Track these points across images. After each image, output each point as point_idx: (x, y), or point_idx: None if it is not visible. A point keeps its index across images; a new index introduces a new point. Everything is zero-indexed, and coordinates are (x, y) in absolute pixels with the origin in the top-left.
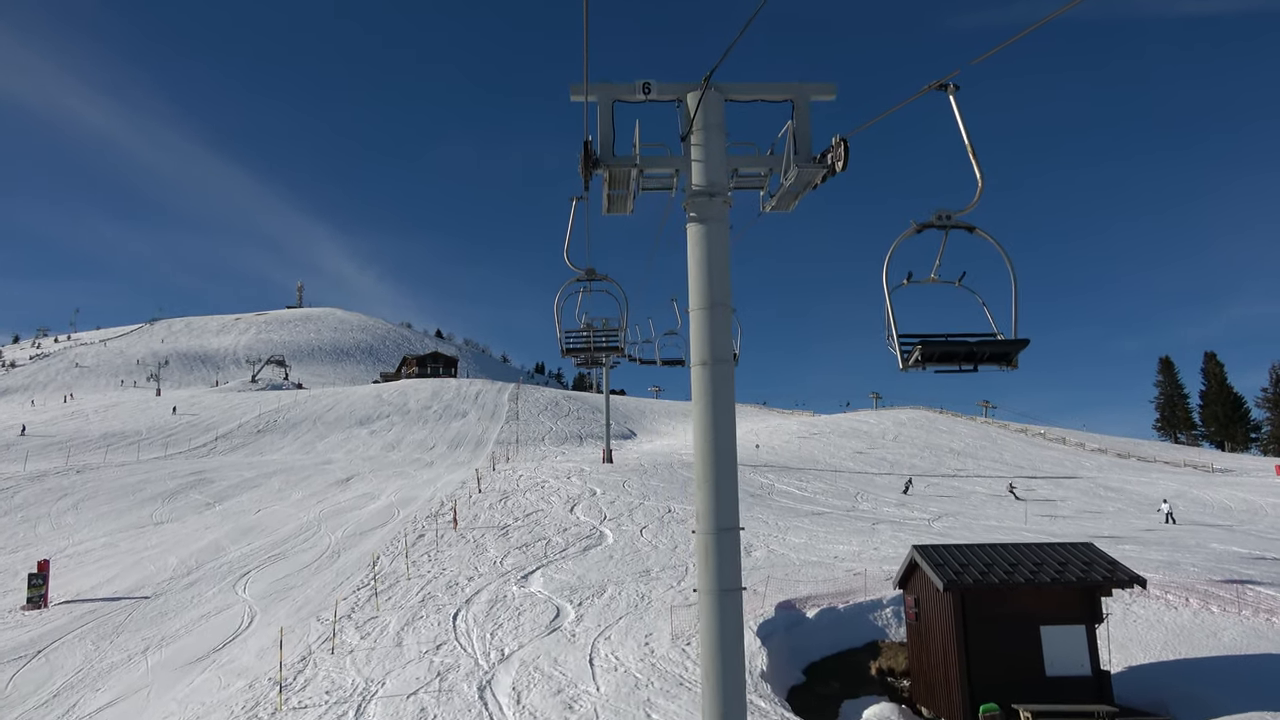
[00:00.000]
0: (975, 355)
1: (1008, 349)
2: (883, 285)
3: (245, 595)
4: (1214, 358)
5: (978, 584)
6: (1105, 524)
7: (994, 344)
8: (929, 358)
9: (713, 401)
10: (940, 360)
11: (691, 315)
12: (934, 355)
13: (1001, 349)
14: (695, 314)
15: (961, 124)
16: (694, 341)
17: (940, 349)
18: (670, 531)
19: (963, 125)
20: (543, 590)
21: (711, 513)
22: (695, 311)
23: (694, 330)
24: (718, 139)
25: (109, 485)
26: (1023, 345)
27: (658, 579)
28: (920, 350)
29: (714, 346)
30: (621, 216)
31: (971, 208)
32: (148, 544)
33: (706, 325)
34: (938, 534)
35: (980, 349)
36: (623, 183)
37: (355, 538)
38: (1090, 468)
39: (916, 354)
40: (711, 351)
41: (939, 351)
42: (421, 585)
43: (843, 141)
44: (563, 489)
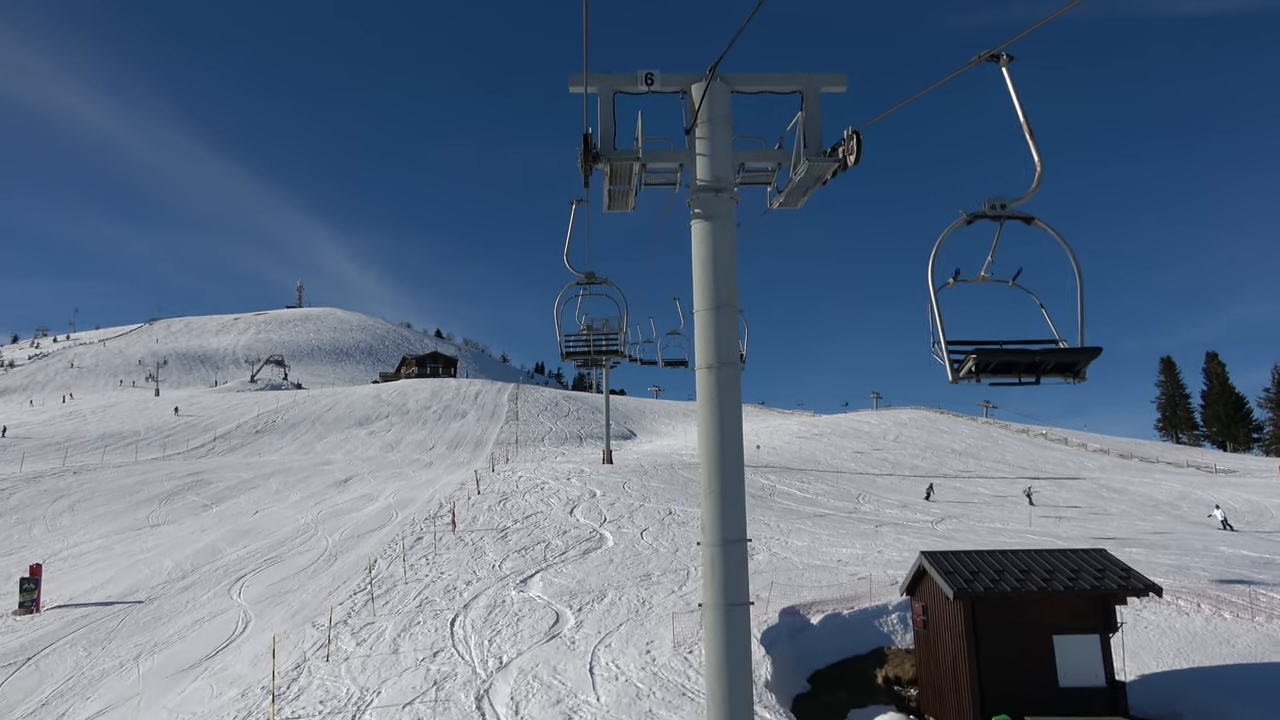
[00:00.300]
0: (1038, 366)
1: (1075, 359)
2: (928, 285)
3: (240, 600)
4: (1216, 358)
5: (989, 592)
6: (1110, 525)
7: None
8: (984, 368)
9: (719, 406)
10: (997, 371)
11: (696, 316)
12: (990, 365)
13: (1068, 359)
14: (700, 315)
15: (1016, 99)
16: (699, 344)
17: (997, 358)
18: (671, 534)
19: (1017, 101)
20: (542, 595)
21: (718, 523)
22: (700, 313)
23: (699, 332)
24: (723, 132)
25: (105, 486)
26: (1093, 354)
27: (658, 583)
28: (974, 360)
29: (720, 349)
30: (623, 214)
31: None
32: (143, 546)
33: (712, 327)
34: (942, 536)
35: (1044, 359)
36: (624, 178)
37: (353, 540)
38: (1093, 469)
39: (970, 364)
40: (717, 354)
41: (996, 361)
42: (419, 590)
43: (855, 134)
44: (562, 490)
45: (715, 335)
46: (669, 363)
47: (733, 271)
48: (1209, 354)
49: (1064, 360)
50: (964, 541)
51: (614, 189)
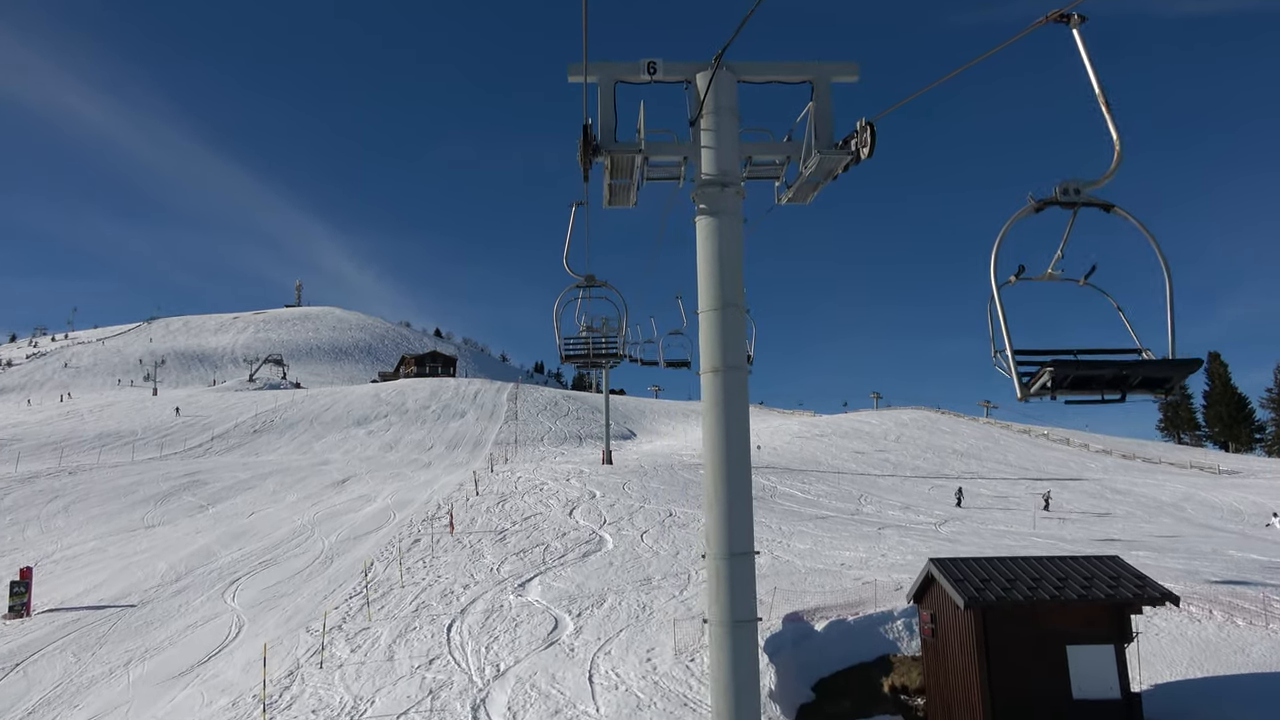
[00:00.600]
0: (1125, 381)
1: (1169, 373)
2: (990, 283)
3: (234, 604)
4: (1218, 358)
5: (1001, 601)
6: (1115, 528)
7: (1151, 365)
8: (1060, 383)
9: (724, 412)
10: (1075, 387)
11: (701, 317)
12: (1067, 380)
13: (1161, 373)
14: (705, 316)
15: (1090, 67)
16: (704, 346)
17: (1077, 372)
18: (671, 536)
19: (1092, 69)
20: (540, 600)
21: (724, 535)
22: (705, 313)
23: (704, 334)
24: (730, 123)
25: (101, 487)
26: (1192, 368)
27: (659, 587)
28: (1050, 373)
29: (726, 351)
30: (624, 211)
31: (1108, 178)
32: (137, 548)
33: (718, 328)
34: (945, 539)
35: (1132, 372)
36: (626, 171)
37: (349, 542)
38: (1095, 469)
39: (1045, 378)
40: (723, 357)
41: (1075, 375)
42: (415, 594)
43: (868, 126)
44: (562, 491)
45: (721, 337)
46: (671, 363)
47: (739, 270)
48: (1211, 354)
49: (1155, 375)
50: (969, 545)
51: (615, 183)
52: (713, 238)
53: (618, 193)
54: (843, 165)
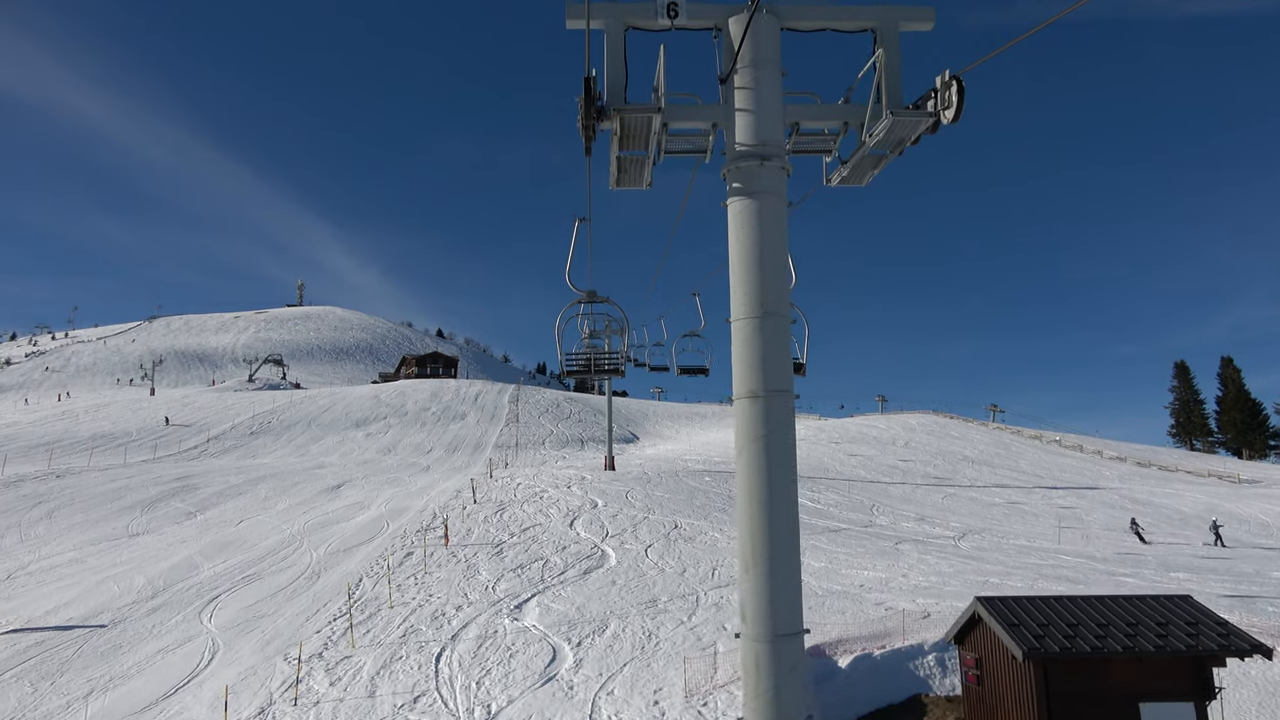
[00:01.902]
0: None
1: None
2: None
3: (210, 625)
4: (1231, 362)
5: (1065, 653)
6: (1141, 540)
7: None
8: None
9: (766, 449)
10: None
11: (734, 328)
12: None
13: None
14: (740, 326)
15: None
16: (738, 364)
17: None
18: (677, 551)
19: None
20: (538, 625)
21: (765, 611)
22: (740, 323)
23: (738, 349)
24: (772, 80)
25: (88, 492)
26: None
27: (665, 611)
28: None
29: (768, 372)
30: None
31: None
32: (117, 560)
33: (756, 342)
34: (967, 555)
35: None
36: (639, 138)
37: (338, 555)
38: (1111, 477)
39: None
40: (764, 378)
41: None
42: (404, 615)
43: (954, 81)
44: (562, 500)
45: (761, 353)
46: (685, 370)
47: (785, 266)
48: (1224, 359)
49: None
50: (992, 561)
51: (625, 156)
52: (749, 225)
53: (628, 169)
54: (920, 133)
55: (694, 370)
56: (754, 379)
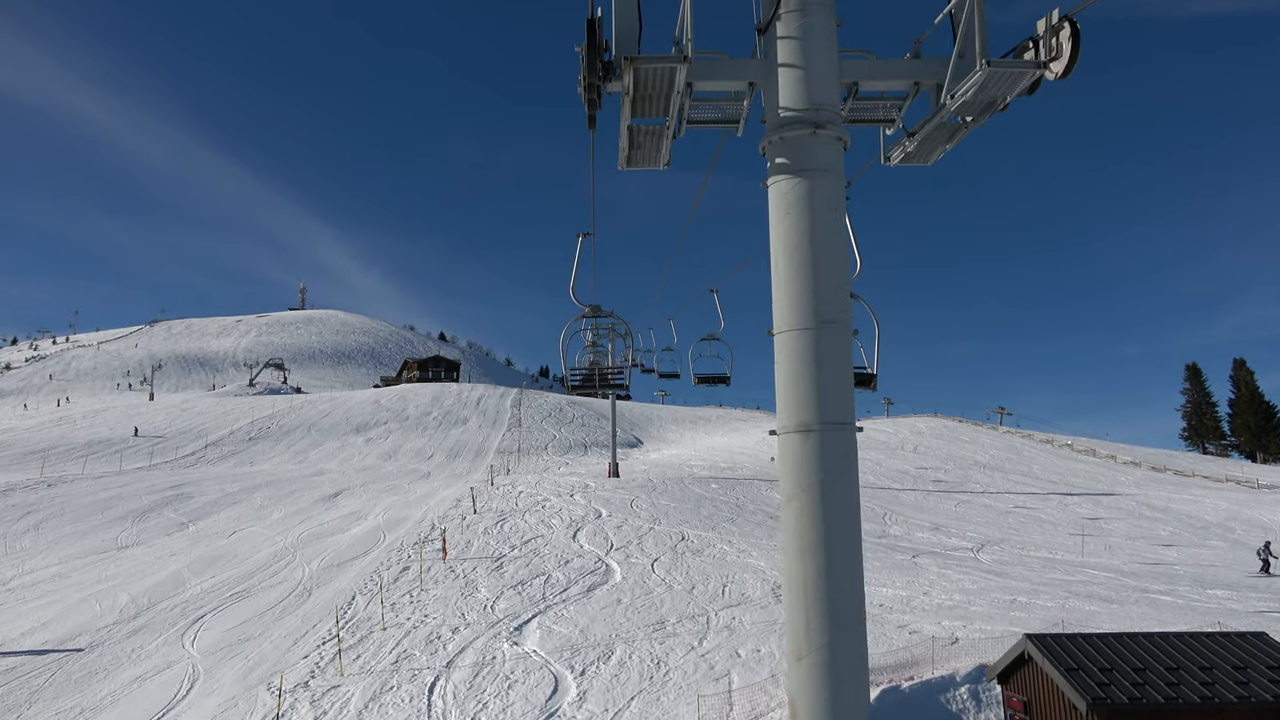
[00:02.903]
0: None
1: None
2: None
3: (192, 649)
4: (1244, 364)
5: (1136, 704)
6: (1169, 553)
7: None
8: None
9: (822, 499)
10: None
11: (780, 342)
12: None
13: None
14: (788, 339)
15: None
16: (783, 387)
17: None
18: (685, 565)
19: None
20: (539, 650)
21: (823, 714)
22: (788, 335)
23: (783, 367)
24: (824, 29)
25: (79, 501)
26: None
27: (674, 634)
28: None
29: (825, 399)
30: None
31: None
32: (102, 575)
33: (810, 360)
34: (989, 569)
35: None
36: (656, 100)
37: (332, 570)
38: (1127, 483)
39: None
40: (819, 407)
41: None
42: (398, 638)
43: (1066, 23)
44: (565, 509)
45: (816, 375)
46: (704, 379)
47: (843, 262)
48: (1236, 360)
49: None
50: (1016, 576)
51: (639, 127)
52: (798, 211)
53: (642, 143)
54: (1018, 91)
55: (714, 379)
56: (806, 408)
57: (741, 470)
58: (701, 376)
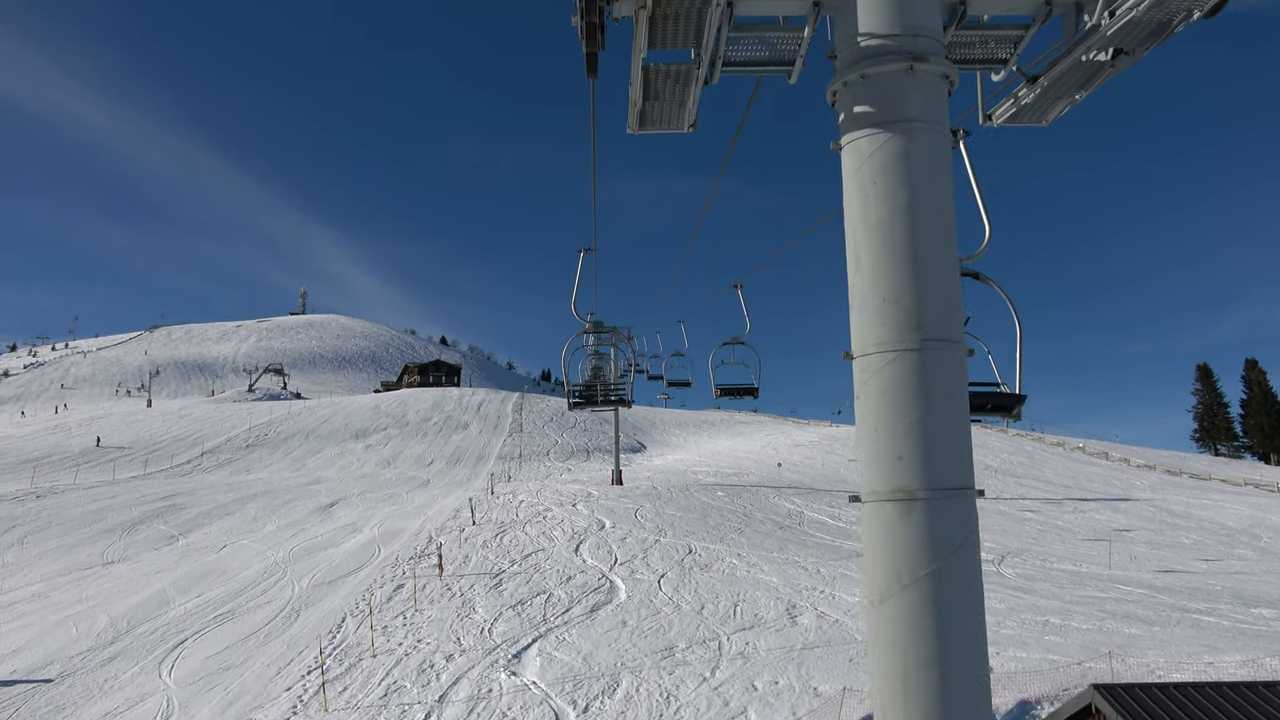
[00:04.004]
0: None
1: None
2: None
3: (169, 680)
4: (1256, 364)
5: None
6: (1198, 564)
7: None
8: None
9: (934, 601)
10: None
11: (861, 368)
12: None
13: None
14: (875, 364)
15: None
16: (870, 433)
17: None
18: (693, 582)
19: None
20: (538, 681)
21: None
22: (875, 358)
23: (870, 405)
24: None
25: (68, 513)
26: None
27: (684, 663)
28: None
29: (934, 452)
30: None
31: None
32: (84, 594)
33: (911, 394)
34: (1014, 585)
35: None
36: (683, 27)
37: (323, 588)
38: (1142, 487)
39: None
40: (925, 466)
41: None
42: (388, 667)
43: None
44: (567, 520)
45: (921, 417)
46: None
47: (952, 249)
48: (1248, 361)
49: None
50: (1044, 594)
51: (657, 69)
52: (889, 180)
53: (662, 91)
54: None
55: (740, 391)
56: (906, 466)
57: (748, 476)
58: (724, 388)
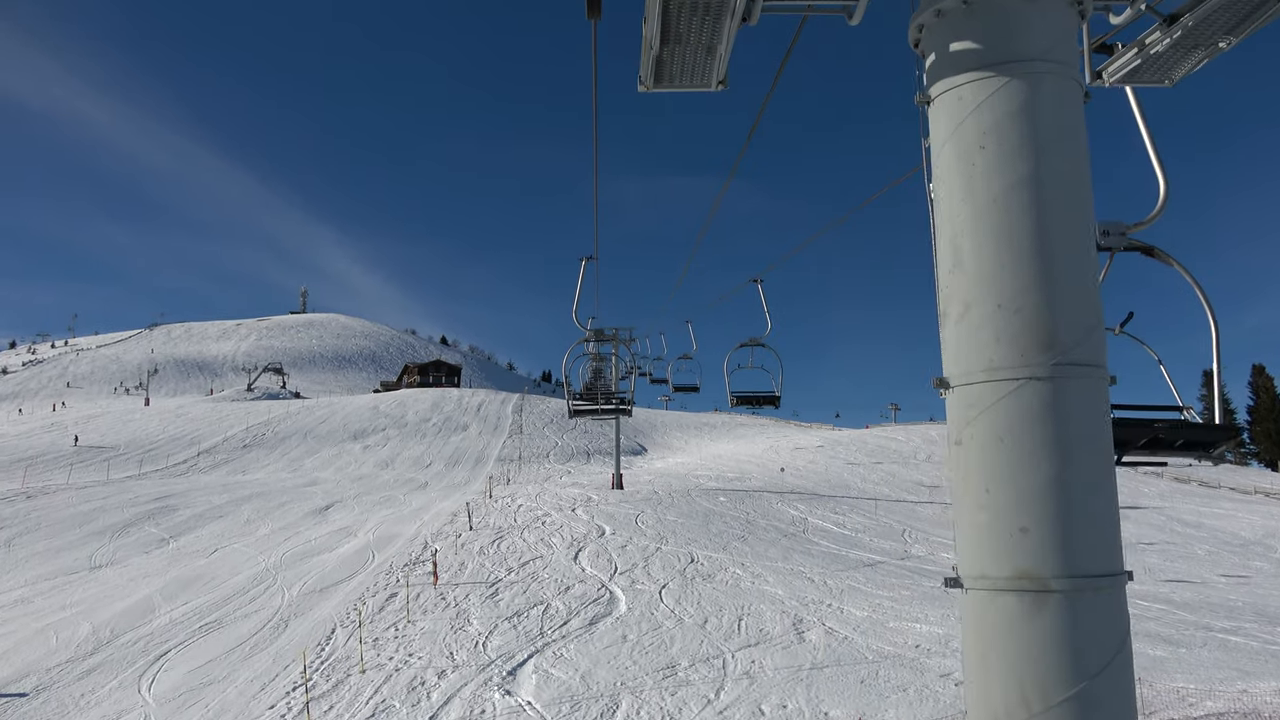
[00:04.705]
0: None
1: (1214, 438)
2: None
3: (148, 696)
4: (1263, 370)
5: None
6: (1216, 578)
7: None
8: None
9: None
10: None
11: (960, 402)
12: None
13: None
14: (983, 397)
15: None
16: (978, 486)
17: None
18: (695, 593)
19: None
20: (533, 702)
21: None
22: (983, 388)
23: (977, 454)
24: None
25: (58, 514)
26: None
27: (687, 683)
28: None
29: (1073, 525)
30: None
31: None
32: (68, 600)
33: (1040, 443)
34: None
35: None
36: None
37: (314, 596)
38: (1151, 495)
39: None
40: (1063, 545)
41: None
42: (377, 684)
43: None
44: (566, 526)
45: (1056, 474)
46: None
47: (1090, 234)
48: (1255, 366)
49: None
50: None
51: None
52: (1002, 141)
53: (685, 34)
54: None
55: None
56: (1037, 542)
57: (750, 481)
58: (742, 396)
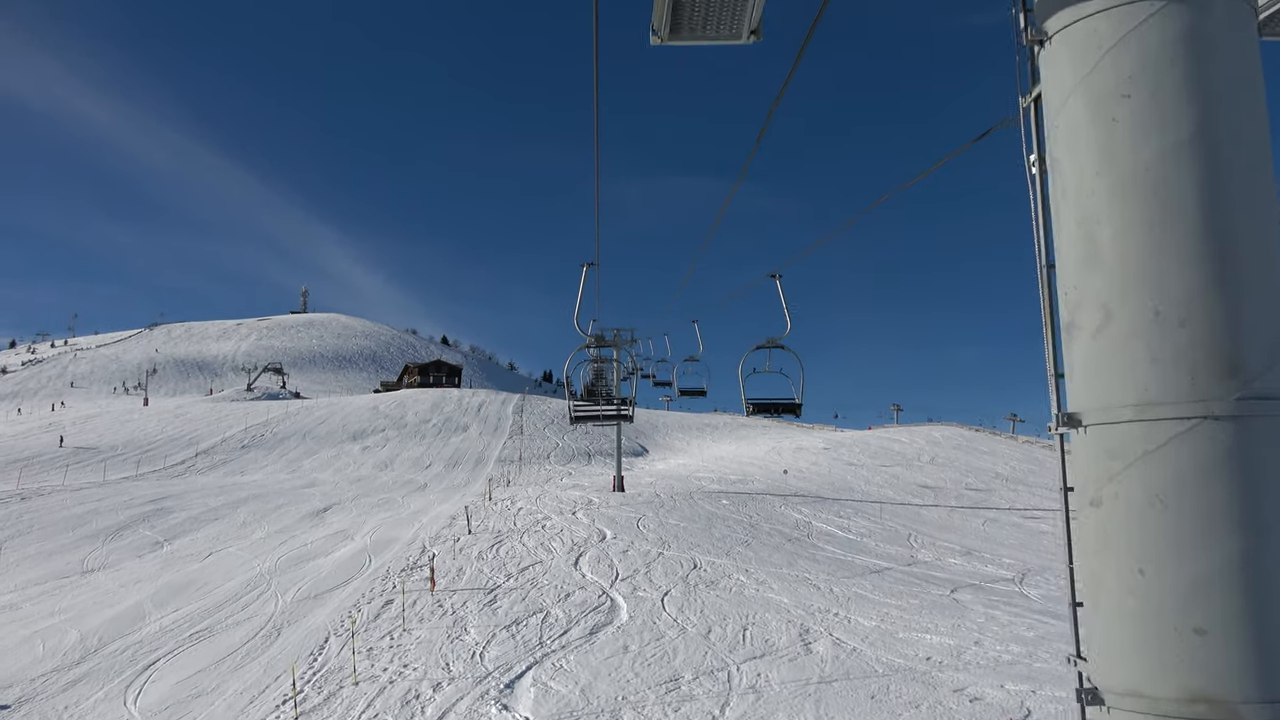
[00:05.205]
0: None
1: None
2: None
3: (133, 709)
4: None
5: None
6: None
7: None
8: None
9: None
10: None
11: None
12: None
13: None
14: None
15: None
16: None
17: None
18: (698, 601)
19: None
20: (531, 717)
21: None
22: (1131, 429)
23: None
24: None
25: (51, 516)
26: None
27: (691, 698)
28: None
29: (1269, 620)
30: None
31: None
32: (57, 607)
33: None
34: (1040, 609)
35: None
36: None
37: (308, 603)
38: None
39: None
40: (1254, 658)
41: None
42: (370, 696)
43: None
44: (567, 530)
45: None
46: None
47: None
48: None
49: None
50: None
51: None
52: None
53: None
54: None
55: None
56: (1219, 648)
57: (753, 483)
58: (758, 403)
